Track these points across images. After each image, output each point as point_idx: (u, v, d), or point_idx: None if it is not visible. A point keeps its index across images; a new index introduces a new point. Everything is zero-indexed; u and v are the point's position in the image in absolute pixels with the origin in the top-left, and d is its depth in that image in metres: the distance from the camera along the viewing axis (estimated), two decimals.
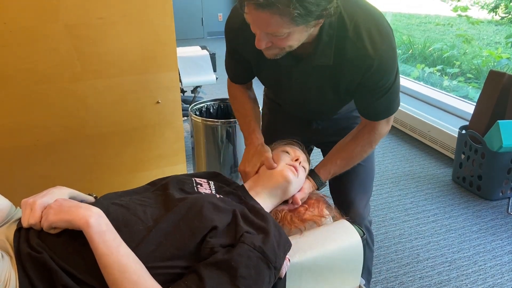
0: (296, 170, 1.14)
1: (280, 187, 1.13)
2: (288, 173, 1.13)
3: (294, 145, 1.27)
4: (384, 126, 1.25)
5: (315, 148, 1.62)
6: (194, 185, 1.09)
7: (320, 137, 1.48)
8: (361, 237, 1.14)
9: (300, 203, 1.17)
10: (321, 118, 1.44)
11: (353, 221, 1.18)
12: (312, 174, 1.26)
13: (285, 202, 1.18)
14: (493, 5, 5.19)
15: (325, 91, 1.21)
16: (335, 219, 1.21)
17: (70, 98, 1.65)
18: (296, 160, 1.18)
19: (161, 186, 1.08)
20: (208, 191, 1.08)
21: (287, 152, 1.21)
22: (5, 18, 1.45)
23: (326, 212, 1.19)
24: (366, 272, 1.55)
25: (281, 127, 1.48)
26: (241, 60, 1.28)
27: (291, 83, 1.23)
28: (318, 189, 1.25)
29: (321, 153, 1.54)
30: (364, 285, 1.17)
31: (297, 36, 0.98)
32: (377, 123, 1.23)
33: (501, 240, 2.15)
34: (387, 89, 1.14)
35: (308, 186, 1.22)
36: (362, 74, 1.10)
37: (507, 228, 2.24)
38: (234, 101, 1.43)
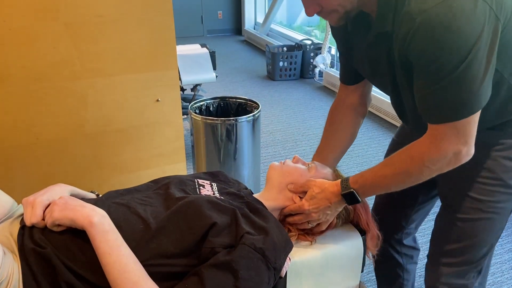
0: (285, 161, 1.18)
1: (268, 177, 1.16)
2: (272, 162, 1.17)
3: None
4: (447, 143, 0.87)
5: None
6: (197, 186, 1.09)
7: None
8: (361, 236, 1.14)
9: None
10: (414, 121, 1.07)
11: None
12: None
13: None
14: None
15: (386, 75, 0.99)
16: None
17: (69, 96, 1.64)
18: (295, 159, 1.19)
19: (162, 186, 1.08)
20: (210, 193, 1.08)
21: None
22: (4, 16, 1.44)
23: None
24: None
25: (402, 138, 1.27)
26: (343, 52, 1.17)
27: (366, 64, 1.03)
28: (342, 194, 1.02)
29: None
30: None
31: None
32: (436, 133, 0.89)
33: (501, 238, 2.15)
34: (445, 74, 0.81)
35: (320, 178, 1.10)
36: (401, 45, 0.84)
37: (507, 226, 2.24)
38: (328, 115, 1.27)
